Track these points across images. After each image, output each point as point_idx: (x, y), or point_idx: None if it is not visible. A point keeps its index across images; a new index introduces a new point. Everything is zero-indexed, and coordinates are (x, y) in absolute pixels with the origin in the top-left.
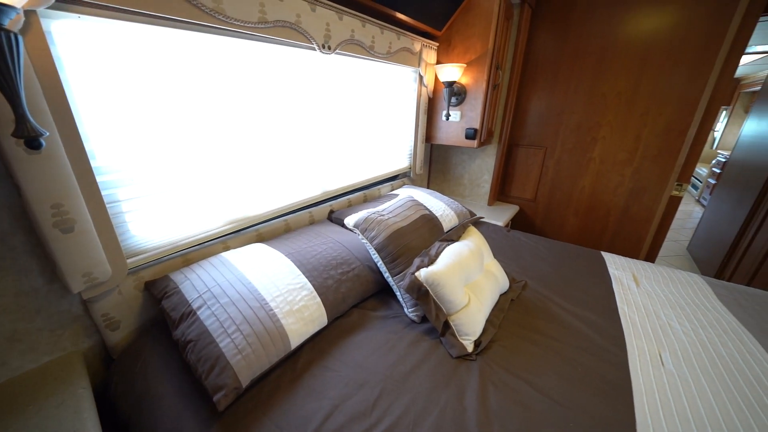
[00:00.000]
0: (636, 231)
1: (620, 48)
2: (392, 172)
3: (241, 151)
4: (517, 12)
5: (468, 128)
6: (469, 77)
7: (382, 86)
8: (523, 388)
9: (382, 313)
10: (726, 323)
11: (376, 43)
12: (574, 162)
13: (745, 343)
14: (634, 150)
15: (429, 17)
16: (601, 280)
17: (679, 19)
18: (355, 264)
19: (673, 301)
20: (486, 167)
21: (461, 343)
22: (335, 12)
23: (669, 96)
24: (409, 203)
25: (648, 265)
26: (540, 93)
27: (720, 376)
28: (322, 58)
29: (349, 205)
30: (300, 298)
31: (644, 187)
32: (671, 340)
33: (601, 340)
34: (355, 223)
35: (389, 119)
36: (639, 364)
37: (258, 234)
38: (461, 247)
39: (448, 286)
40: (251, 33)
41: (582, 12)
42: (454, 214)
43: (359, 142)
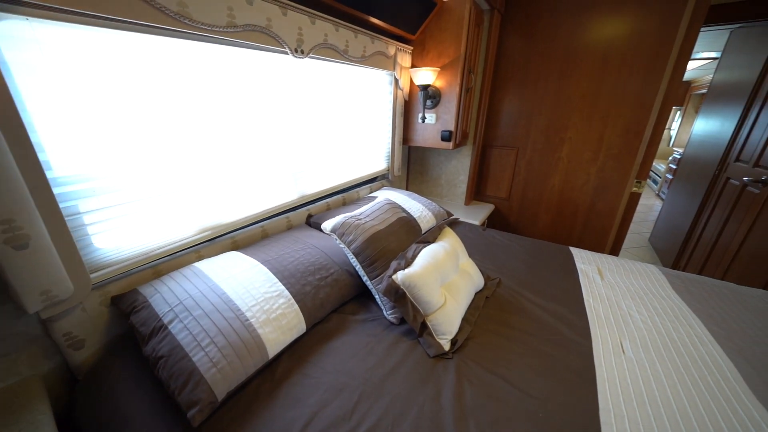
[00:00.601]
0: (602, 226)
1: (582, 54)
2: (371, 175)
3: (213, 156)
4: (488, 18)
5: (443, 130)
6: (443, 81)
7: (358, 89)
8: (497, 382)
9: (361, 317)
10: (678, 310)
11: (350, 47)
12: (544, 161)
13: (693, 328)
14: (597, 150)
15: (402, 22)
16: (569, 274)
17: (633, 28)
18: (333, 269)
19: (633, 291)
20: (462, 168)
21: (438, 342)
22: (307, 16)
23: (627, 99)
24: (386, 206)
25: (612, 258)
26: (511, 96)
27: (672, 359)
28: (296, 61)
29: (327, 208)
30: (277, 306)
31: (608, 184)
32: (631, 328)
33: (569, 332)
34: (332, 227)
35: (366, 122)
36: (602, 352)
37: (233, 242)
38: (437, 249)
39: (424, 288)
40: (220, 37)
41: (547, 19)
42: (432, 215)
43: (336, 146)
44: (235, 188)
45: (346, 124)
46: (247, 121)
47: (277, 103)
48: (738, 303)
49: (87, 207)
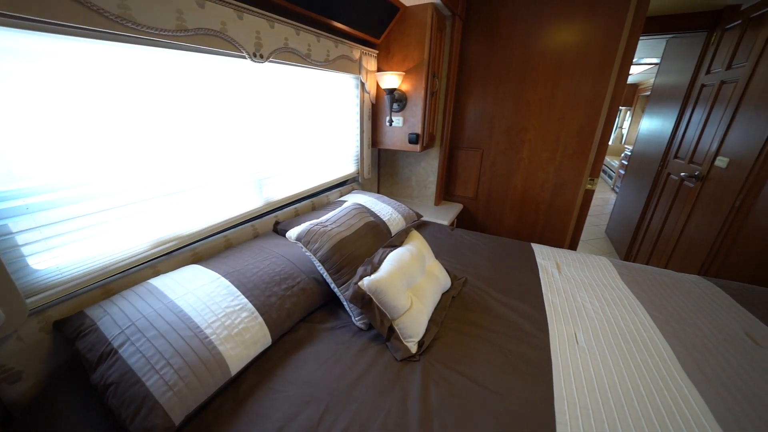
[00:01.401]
0: (561, 221)
1: (538, 59)
2: (340, 178)
3: (170, 164)
4: (449, 23)
5: (411, 133)
6: (409, 84)
7: (324, 93)
8: (461, 381)
9: (330, 325)
10: (625, 299)
11: (312, 51)
12: (507, 162)
13: (638, 315)
14: (555, 150)
15: (366, 26)
16: (530, 270)
17: (583, 36)
18: (300, 277)
19: (587, 283)
20: (431, 169)
21: (405, 345)
22: (266, 20)
23: (579, 102)
24: (353, 211)
25: (569, 252)
26: (474, 99)
27: (618, 346)
28: (257, 66)
29: (296, 214)
30: (240, 320)
31: (565, 182)
32: (584, 319)
33: (529, 327)
34: (297, 236)
35: (333, 126)
36: (558, 344)
37: (194, 254)
38: (403, 253)
39: (390, 293)
40: (171, 42)
41: (505, 26)
42: (401, 217)
43: (303, 150)
44: (194, 197)
45: (313, 128)
46: (207, 127)
47: (239, 108)
48: (676, 289)
49: (20, 226)
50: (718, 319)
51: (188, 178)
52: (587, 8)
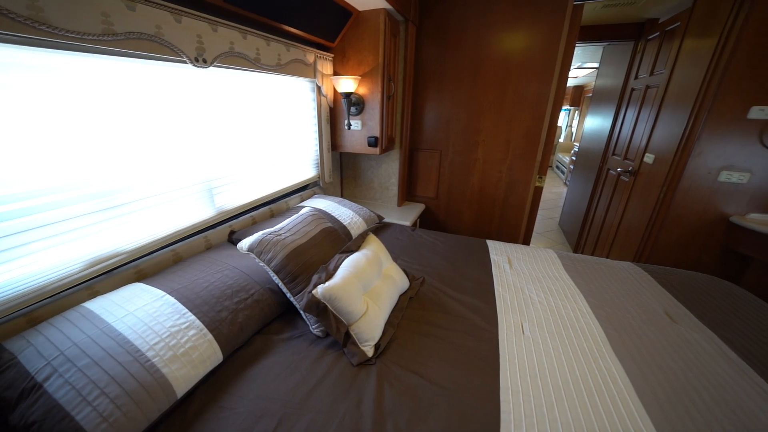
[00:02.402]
0: (514, 217)
1: (488, 64)
2: (300, 183)
3: (106, 176)
4: (403, 28)
5: (370, 136)
6: (366, 88)
7: (278, 97)
8: (414, 380)
9: (287, 335)
10: (567, 288)
11: (262, 55)
12: (464, 162)
13: (577, 302)
14: (506, 150)
15: (319, 30)
16: (484, 266)
17: (526, 43)
18: (254, 289)
19: (535, 276)
20: (392, 171)
21: (362, 350)
22: (207, 23)
23: (526, 105)
24: (309, 218)
25: (520, 247)
26: (431, 102)
27: (560, 334)
28: (203, 70)
29: (253, 223)
30: (186, 339)
31: (516, 180)
32: (531, 310)
33: (480, 321)
34: (249, 246)
35: (290, 130)
36: (506, 336)
37: (137, 271)
38: (359, 257)
39: (345, 299)
40: (98, 46)
41: (456, 32)
42: (362, 220)
43: (259, 156)
44: (136, 210)
45: (268, 133)
46: (150, 135)
47: (186, 115)
48: (611, 276)
49: None
50: (643, 301)
51: (128, 190)
52: (530, 17)
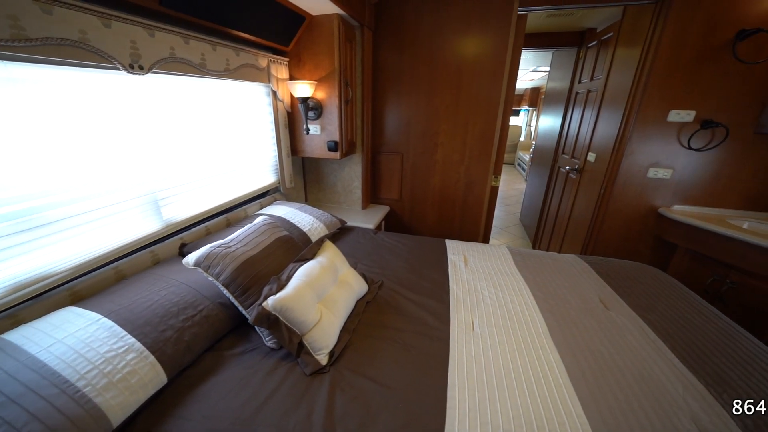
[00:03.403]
0: (473, 216)
1: (442, 70)
2: (259, 190)
3: (28, 191)
4: (359, 33)
5: (329, 141)
6: (323, 93)
7: (231, 103)
8: (366, 384)
9: (239, 349)
10: (516, 283)
11: (208, 60)
12: (424, 164)
13: (524, 296)
14: (463, 152)
15: (271, 34)
16: (441, 266)
17: (477, 50)
18: (203, 305)
19: (487, 272)
20: (355, 174)
21: (315, 359)
22: (143, 28)
23: (479, 108)
24: (263, 228)
25: (477, 245)
26: (390, 106)
27: (506, 328)
28: (142, 77)
29: (207, 233)
30: (124, 364)
31: (474, 180)
32: (482, 307)
33: (433, 321)
34: (195, 261)
35: (245, 136)
36: (457, 334)
37: (72, 293)
38: (313, 266)
39: (297, 309)
40: (5, 53)
41: (411, 38)
42: (324, 225)
43: (211, 164)
44: (68, 228)
45: (221, 139)
46: (83, 146)
47: (126, 124)
48: (556, 269)
49: None
50: (582, 291)
51: (58, 206)
52: (479, 25)
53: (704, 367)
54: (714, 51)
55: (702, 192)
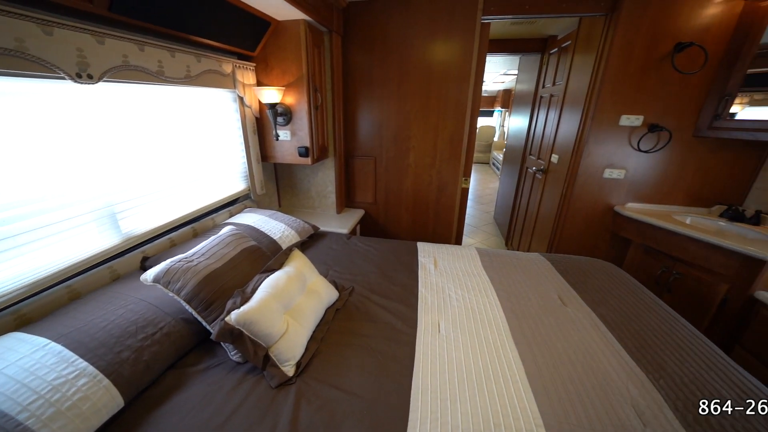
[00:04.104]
0: (446, 218)
1: (411, 76)
2: (228, 198)
3: None
4: (327, 38)
5: (300, 147)
6: (292, 98)
7: (195, 110)
8: (332, 394)
9: (204, 365)
10: (482, 283)
11: (166, 67)
12: (397, 168)
13: (488, 296)
14: (434, 155)
15: (236, 39)
16: (411, 269)
17: (444, 56)
18: (164, 322)
19: (456, 274)
20: (329, 179)
21: (282, 371)
22: (90, 35)
23: (448, 113)
24: (228, 239)
25: (447, 247)
26: (362, 111)
27: (470, 328)
28: (92, 87)
29: (172, 245)
30: (74, 391)
31: (445, 183)
32: (448, 308)
33: (401, 325)
34: (155, 277)
35: (212, 143)
36: (423, 337)
37: (17, 317)
38: (280, 276)
39: (262, 322)
40: None
41: (380, 44)
42: (295, 232)
43: (174, 172)
44: (11, 246)
45: (186, 147)
46: (26, 160)
47: (78, 135)
48: (520, 268)
49: None
50: (542, 289)
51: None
52: (445, 31)
53: (645, 355)
54: (656, 61)
55: (651, 190)
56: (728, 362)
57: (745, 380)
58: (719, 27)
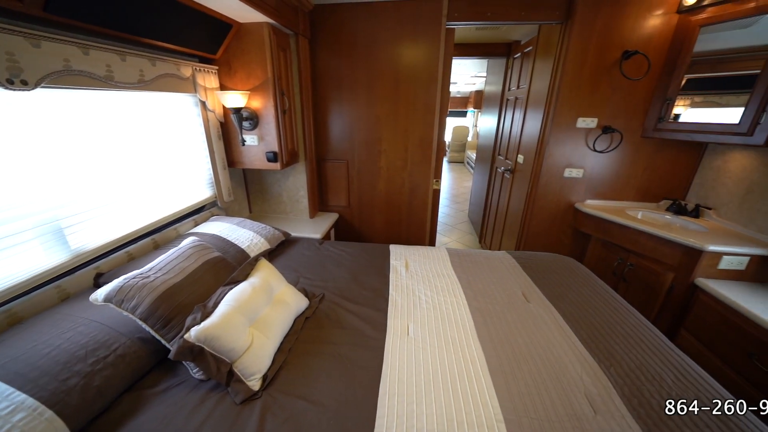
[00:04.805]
0: (419, 219)
1: (380, 80)
2: (192, 206)
3: None
4: (294, 42)
5: (268, 152)
6: (259, 102)
7: (153, 115)
8: (299, 405)
9: (163, 386)
10: (451, 284)
11: (116, 72)
12: (370, 171)
13: (456, 296)
14: (405, 159)
15: (195, 42)
16: (383, 273)
17: (411, 61)
18: (118, 343)
19: (426, 275)
20: (300, 184)
21: (247, 386)
22: (23, 38)
23: (417, 116)
24: (189, 251)
25: (419, 248)
26: (333, 114)
27: (438, 330)
28: (31, 93)
29: (130, 259)
30: (9, 427)
31: (417, 185)
32: (418, 311)
33: (371, 330)
34: (106, 296)
35: (173, 150)
36: (392, 340)
37: None
38: (244, 288)
39: (225, 336)
40: None
41: (349, 47)
42: (265, 240)
43: (132, 182)
44: None
45: (144, 154)
46: None
47: (17, 144)
48: (487, 266)
49: None
50: (508, 286)
51: None
52: (411, 36)
53: (598, 345)
54: (607, 67)
55: (607, 188)
56: (669, 347)
57: (683, 362)
58: (659, 37)
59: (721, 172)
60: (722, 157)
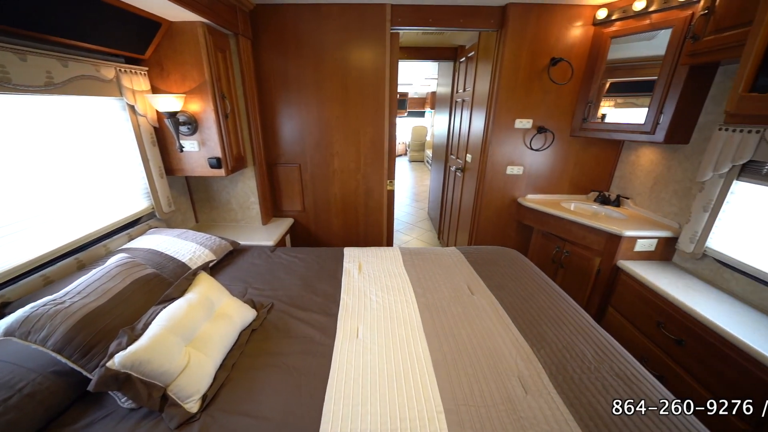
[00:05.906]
0: (376, 220)
1: (328, 83)
2: (126, 219)
3: None
4: (234, 42)
5: (210, 157)
6: (197, 106)
7: (71, 121)
8: (241, 422)
9: (86, 421)
10: (402, 283)
11: (13, 73)
12: (323, 174)
13: (406, 295)
14: (358, 160)
15: (114, 40)
16: (335, 277)
17: (358, 63)
18: (25, 380)
19: (379, 276)
20: (250, 189)
21: (184, 409)
22: None
23: (367, 118)
24: (115, 270)
25: (372, 249)
26: (282, 117)
27: (387, 329)
28: None
29: (47, 283)
30: None
31: (372, 187)
32: (368, 312)
33: (320, 337)
34: (6, 330)
35: (98, 158)
36: (341, 345)
37: None
38: (180, 305)
39: (155, 360)
40: None
41: (294, 48)
42: (209, 251)
43: (46, 195)
44: None
45: (62, 165)
46: None
47: None
48: (437, 263)
49: None
50: (454, 281)
51: None
52: (357, 40)
53: (532, 329)
54: (538, 73)
55: (544, 182)
56: (593, 326)
57: (602, 338)
58: (580, 46)
59: (635, 165)
60: (635, 153)
